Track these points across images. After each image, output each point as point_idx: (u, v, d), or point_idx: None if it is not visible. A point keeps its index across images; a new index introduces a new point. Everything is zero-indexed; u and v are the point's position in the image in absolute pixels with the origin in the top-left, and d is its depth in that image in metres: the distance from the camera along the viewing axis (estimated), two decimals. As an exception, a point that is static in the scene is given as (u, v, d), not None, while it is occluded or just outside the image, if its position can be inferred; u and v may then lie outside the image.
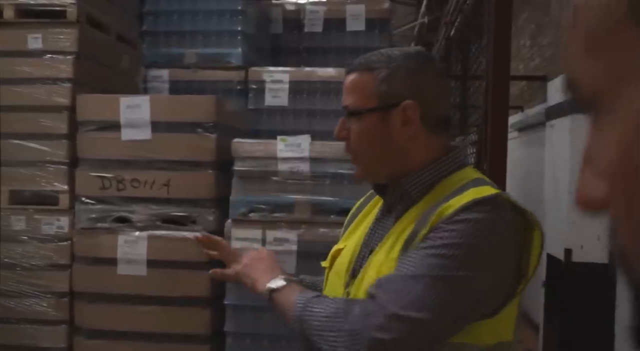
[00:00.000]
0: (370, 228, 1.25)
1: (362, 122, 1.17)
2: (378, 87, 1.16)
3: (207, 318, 2.77)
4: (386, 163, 1.20)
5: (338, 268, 1.26)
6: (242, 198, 2.79)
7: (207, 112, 2.80)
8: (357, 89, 1.18)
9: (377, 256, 1.16)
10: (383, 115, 1.16)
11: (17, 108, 2.90)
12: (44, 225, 2.86)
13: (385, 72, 1.16)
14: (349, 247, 1.27)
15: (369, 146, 1.18)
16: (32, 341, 2.83)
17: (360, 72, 1.19)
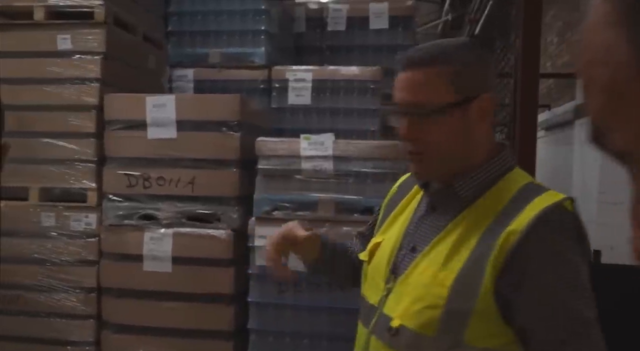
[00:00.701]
0: (412, 224, 1.22)
1: (442, 118, 1.11)
2: (454, 81, 1.11)
3: (231, 315, 2.80)
4: (454, 161, 1.15)
5: (377, 262, 1.24)
6: (265, 197, 2.81)
7: (231, 110, 2.83)
8: (427, 85, 1.10)
9: (426, 259, 1.13)
10: (463, 110, 1.11)
11: (47, 107, 2.97)
12: (72, 222, 2.92)
13: (458, 65, 1.12)
14: (387, 240, 1.24)
15: (447, 143, 1.13)
16: (61, 335, 2.90)
17: (425, 66, 1.11)
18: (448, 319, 1.06)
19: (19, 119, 2.98)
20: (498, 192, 1.13)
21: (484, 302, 1.04)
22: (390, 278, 1.18)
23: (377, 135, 3.31)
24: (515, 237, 1.03)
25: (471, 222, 1.11)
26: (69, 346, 2.89)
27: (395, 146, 2.84)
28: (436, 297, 1.07)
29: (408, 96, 1.12)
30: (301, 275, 2.76)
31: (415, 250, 1.17)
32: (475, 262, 1.06)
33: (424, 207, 1.23)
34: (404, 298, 1.12)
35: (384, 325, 1.15)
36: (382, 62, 3.48)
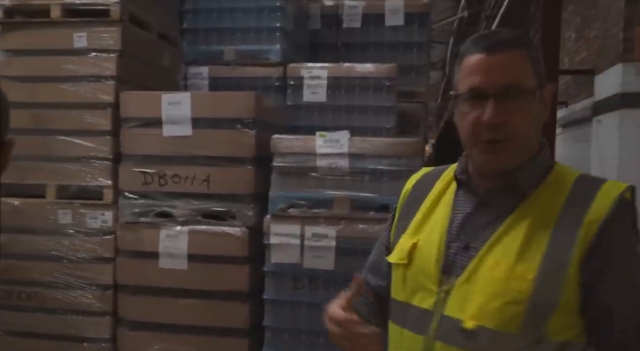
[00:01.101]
0: (456, 221, 1.15)
1: (530, 103, 1.06)
2: (534, 65, 1.08)
3: (246, 312, 2.80)
4: (527, 151, 1.11)
5: (421, 264, 1.15)
6: (281, 194, 2.80)
7: (246, 108, 2.82)
8: (519, 67, 1.06)
9: (492, 255, 1.07)
10: (540, 96, 1.09)
11: (63, 105, 2.98)
12: (89, 219, 2.93)
13: (536, 51, 1.09)
14: (426, 241, 1.16)
15: (529, 131, 1.09)
16: (77, 332, 2.91)
17: (514, 48, 1.07)
18: (532, 314, 1.02)
19: (35, 117, 3.00)
20: (554, 183, 1.11)
21: (569, 293, 1.02)
22: (444, 280, 1.11)
23: (392, 132, 3.29)
24: (597, 225, 1.03)
25: (535, 214, 1.07)
26: (85, 343, 2.91)
27: (411, 143, 2.82)
28: (518, 292, 1.02)
29: (500, 78, 1.05)
30: (317, 272, 2.78)
31: (469, 248, 1.10)
32: (557, 252, 1.03)
33: (467, 203, 1.16)
34: (474, 297, 1.06)
35: (453, 329, 1.07)
36: (397, 59, 3.46)
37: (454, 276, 1.10)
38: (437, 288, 1.11)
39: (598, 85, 3.70)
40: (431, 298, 1.11)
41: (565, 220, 1.05)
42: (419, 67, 3.66)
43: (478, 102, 1.07)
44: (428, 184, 1.27)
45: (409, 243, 1.18)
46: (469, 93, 1.08)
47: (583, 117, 4.15)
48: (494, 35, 1.09)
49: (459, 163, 1.22)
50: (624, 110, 3.22)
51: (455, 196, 1.19)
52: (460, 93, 1.10)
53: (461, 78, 1.11)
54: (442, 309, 1.09)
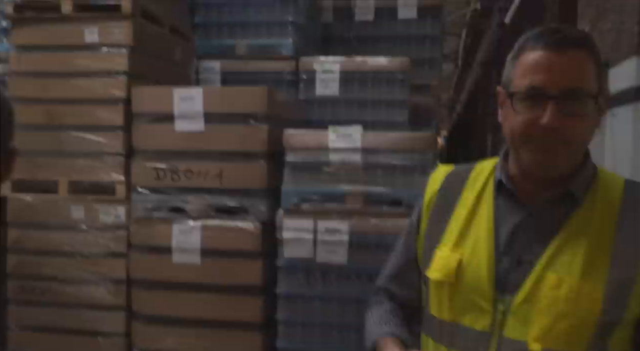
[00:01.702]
0: (505, 233, 1.07)
1: (592, 107, 1.00)
2: (597, 69, 1.01)
3: (259, 306, 2.80)
4: (579, 158, 1.06)
5: (471, 282, 1.07)
6: (293, 189, 2.79)
7: (258, 102, 2.81)
8: (584, 69, 1.00)
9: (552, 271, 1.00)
10: (599, 102, 1.02)
11: (75, 100, 2.98)
12: (102, 215, 2.94)
13: (599, 54, 1.03)
14: (472, 255, 1.08)
15: (587, 136, 1.03)
16: (91, 326, 2.93)
17: (581, 48, 1.00)
18: (599, 333, 0.98)
19: (47, 113, 3.00)
20: (603, 191, 1.06)
21: (635, 308, 0.99)
22: (498, 298, 1.04)
23: (406, 126, 3.27)
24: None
25: (591, 224, 1.02)
26: (99, 337, 2.92)
27: (424, 138, 2.80)
28: (587, 312, 0.98)
29: (564, 79, 0.98)
30: (330, 267, 2.77)
31: (522, 263, 1.04)
32: (622, 268, 0.99)
33: (514, 213, 1.08)
34: (538, 318, 0.99)
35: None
36: (410, 53, 3.44)
37: (509, 294, 1.03)
38: (492, 307, 1.04)
39: (612, 78, 3.65)
40: (486, 318, 1.04)
41: (625, 232, 1.01)
42: (432, 60, 3.63)
43: (536, 102, 1.00)
44: (456, 187, 1.19)
45: (454, 259, 1.09)
46: (528, 92, 1.00)
47: (597, 109, 4.11)
48: (558, 32, 1.01)
49: (500, 167, 1.13)
50: (638, 104, 3.18)
51: (496, 204, 1.11)
52: (516, 91, 1.02)
53: (519, 74, 1.03)
54: (502, 330, 1.02)
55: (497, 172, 1.13)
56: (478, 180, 1.16)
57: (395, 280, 1.27)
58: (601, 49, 3.53)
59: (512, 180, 1.10)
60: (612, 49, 3.88)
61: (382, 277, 1.31)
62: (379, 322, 1.19)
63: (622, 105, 3.37)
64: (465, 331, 1.06)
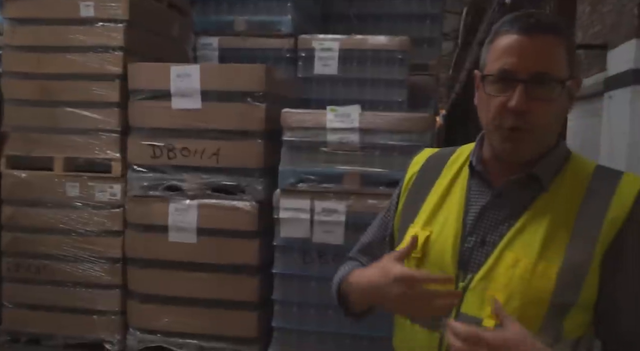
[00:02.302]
0: (471, 214, 1.09)
1: (559, 92, 1.00)
2: (569, 55, 1.02)
3: (256, 286, 2.80)
4: (547, 143, 1.06)
5: (437, 259, 1.09)
6: (291, 169, 2.77)
7: (256, 81, 2.78)
8: (554, 54, 1.00)
9: (511, 251, 1.02)
10: (568, 87, 1.02)
11: (70, 76, 2.94)
12: (97, 192, 2.92)
13: (572, 39, 1.03)
14: (440, 233, 1.10)
15: (553, 122, 1.03)
16: (87, 304, 2.93)
17: (552, 33, 1.00)
18: (552, 313, 0.99)
19: (41, 88, 2.96)
20: (572, 175, 1.06)
21: (588, 291, 0.99)
22: (460, 275, 1.05)
23: (404, 106, 3.24)
24: (619, 224, 1.00)
25: (554, 207, 1.03)
26: (95, 316, 2.92)
27: (422, 119, 2.78)
28: (540, 291, 0.98)
29: (534, 63, 0.99)
30: (327, 247, 2.76)
31: (486, 243, 1.05)
32: (579, 250, 0.99)
33: (483, 195, 1.10)
34: (494, 295, 1.00)
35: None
36: (410, 31, 3.40)
37: (471, 272, 1.05)
38: (453, 284, 1.05)
39: (611, 60, 3.63)
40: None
41: (586, 216, 1.02)
42: (432, 39, 3.59)
43: (506, 85, 1.00)
44: (435, 168, 1.20)
45: (422, 235, 1.11)
46: (498, 75, 1.01)
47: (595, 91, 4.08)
48: (531, 17, 1.01)
49: (474, 151, 1.14)
50: (636, 86, 3.17)
51: (469, 186, 1.13)
52: (488, 74, 1.03)
53: (492, 58, 1.03)
54: (460, 306, 1.04)
55: (473, 155, 1.14)
56: (456, 163, 1.18)
57: (365, 253, 1.29)
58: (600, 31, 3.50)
59: (484, 163, 1.12)
60: (611, 31, 3.84)
61: (353, 250, 1.33)
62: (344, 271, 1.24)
63: (619, 87, 3.35)
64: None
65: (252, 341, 2.81)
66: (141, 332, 2.88)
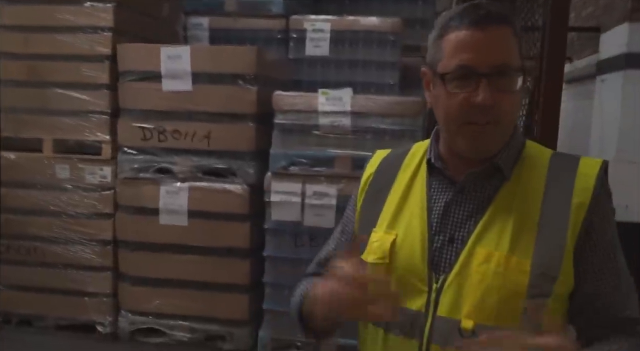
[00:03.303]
0: (435, 212, 1.07)
1: (517, 82, 0.99)
2: (519, 44, 1.01)
3: (247, 268, 2.81)
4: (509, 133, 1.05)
5: (406, 263, 1.05)
6: (282, 152, 2.77)
7: (248, 63, 2.75)
8: (509, 44, 0.99)
9: (481, 247, 1.00)
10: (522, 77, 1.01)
11: (59, 57, 2.90)
12: (87, 175, 2.90)
13: (519, 28, 1.02)
14: (405, 235, 1.07)
15: (516, 111, 1.03)
16: (79, 286, 2.93)
17: (505, 24, 0.99)
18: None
19: (30, 68, 2.93)
20: (531, 164, 1.06)
21: (565, 280, 1.00)
22: (433, 277, 1.03)
23: (396, 89, 3.23)
24: (585, 209, 1.01)
25: (518, 197, 1.02)
26: (86, 298, 2.92)
27: (413, 103, 2.77)
28: (515, 286, 0.97)
29: (493, 56, 0.97)
30: (318, 230, 2.77)
31: (454, 240, 1.03)
32: (550, 241, 0.99)
33: (445, 191, 1.08)
34: (469, 294, 0.99)
35: (449, 330, 1.00)
36: (402, 12, 3.37)
37: (443, 272, 1.02)
38: (426, 287, 1.03)
39: (603, 43, 3.62)
40: (421, 298, 1.03)
41: (551, 203, 1.02)
42: (424, 20, 3.55)
43: (467, 81, 0.98)
44: (390, 170, 1.17)
45: (387, 240, 1.08)
46: (457, 71, 0.98)
47: (587, 73, 4.09)
48: (480, 8, 0.99)
49: (431, 148, 1.12)
50: (629, 70, 3.17)
51: (429, 183, 1.10)
52: (446, 72, 0.99)
53: (446, 55, 1.00)
54: (435, 309, 1.02)
55: (429, 152, 1.12)
56: (412, 162, 1.15)
57: (325, 265, 1.20)
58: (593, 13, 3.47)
59: (442, 158, 1.10)
60: (604, 13, 3.83)
61: (312, 263, 1.29)
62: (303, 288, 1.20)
63: (612, 71, 3.36)
64: (401, 313, 1.03)
65: (243, 324, 2.83)
66: (132, 314, 2.89)
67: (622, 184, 3.09)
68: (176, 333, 2.84)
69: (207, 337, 2.85)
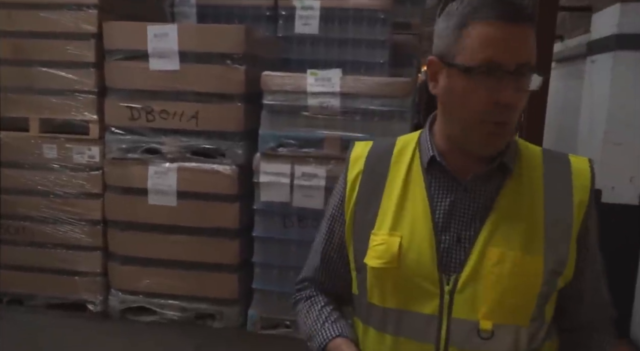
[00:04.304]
0: (442, 211, 1.04)
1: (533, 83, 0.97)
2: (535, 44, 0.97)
3: (236, 248, 2.83)
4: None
5: (415, 266, 1.02)
6: (271, 133, 2.76)
7: (236, 42, 2.72)
8: (532, 43, 0.96)
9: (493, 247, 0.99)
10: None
11: (44, 35, 2.85)
12: (75, 154, 2.89)
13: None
14: (411, 237, 1.04)
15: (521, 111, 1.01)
16: (69, 266, 2.94)
17: (531, 22, 0.96)
18: (540, 302, 0.99)
19: (14, 46, 2.88)
20: (526, 160, 1.05)
21: (567, 273, 1.01)
22: (444, 279, 1.00)
23: (386, 67, 3.21)
24: (584, 208, 1.02)
25: (521, 195, 1.02)
26: (76, 277, 2.94)
27: (403, 83, 2.76)
28: (531, 285, 0.98)
29: (521, 54, 0.94)
30: (307, 211, 2.79)
31: (461, 239, 1.01)
32: (558, 239, 1.00)
33: (448, 189, 1.04)
34: (486, 295, 0.98)
35: (468, 332, 0.99)
36: (393, -11, 3.32)
37: (453, 273, 1.00)
38: (438, 289, 1.00)
39: (594, 23, 3.59)
40: (434, 301, 1.00)
41: (554, 201, 1.02)
42: (415, -3, 3.52)
43: (491, 77, 0.93)
44: (380, 167, 1.11)
45: (394, 243, 1.03)
46: (484, 66, 0.93)
47: (578, 53, 4.07)
48: (510, 3, 0.94)
49: (427, 143, 1.07)
50: (619, 52, 3.15)
51: (427, 181, 1.06)
52: (472, 66, 0.94)
53: (471, 47, 0.94)
54: (450, 312, 1.00)
55: (426, 148, 1.07)
56: (403, 158, 1.10)
57: (322, 270, 1.20)
58: (586, -8, 3.37)
59: (442, 155, 1.06)
60: (597, -9, 3.80)
61: (308, 267, 1.24)
62: (320, 319, 1.15)
63: (602, 52, 3.34)
64: (413, 317, 1.02)
65: (233, 303, 2.86)
66: (123, 293, 2.91)
67: (609, 166, 3.10)
68: (167, 312, 2.87)
69: (197, 316, 2.88)
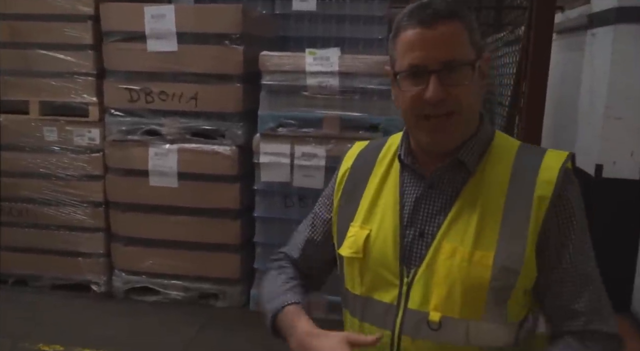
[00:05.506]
0: (406, 206, 1.09)
1: (471, 75, 1.01)
2: (472, 36, 1.03)
3: (237, 229, 2.85)
4: (471, 126, 1.07)
5: (379, 257, 1.08)
6: (270, 113, 2.76)
7: (233, 22, 2.71)
8: (457, 39, 1.01)
9: (448, 241, 1.03)
10: (478, 67, 1.03)
11: (41, 17, 2.84)
12: (75, 137, 2.89)
13: (470, 20, 1.03)
14: (379, 230, 1.10)
15: (473, 104, 1.04)
16: (72, 247, 2.97)
17: (452, 20, 1.01)
18: (493, 299, 1.01)
19: (11, 29, 2.87)
20: (496, 157, 1.07)
21: (527, 272, 1.02)
22: (404, 271, 1.06)
23: (384, 43, 3.19)
24: (547, 202, 1.02)
25: (483, 192, 1.04)
26: (80, 258, 2.97)
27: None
28: (478, 279, 1.00)
29: (440, 53, 0.99)
30: (307, 191, 2.81)
31: (425, 235, 1.06)
32: (512, 235, 1.02)
33: (416, 186, 1.10)
34: (436, 288, 1.03)
35: (419, 322, 1.04)
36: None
37: (414, 266, 1.05)
38: (398, 280, 1.06)
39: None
40: (393, 291, 1.07)
41: (514, 197, 1.04)
42: (413, -28, 3.48)
43: (419, 78, 1.00)
44: (367, 164, 1.18)
45: (362, 235, 1.11)
46: (409, 70, 1.01)
47: (578, 24, 4.03)
48: (427, 7, 1.01)
49: (402, 143, 1.13)
50: (619, 25, 3.12)
51: (402, 178, 1.12)
52: (399, 71, 1.03)
53: (399, 54, 1.03)
54: (406, 303, 1.05)
55: (401, 148, 1.13)
56: (386, 157, 1.17)
57: (301, 251, 1.25)
58: (588, -34, 3.32)
59: (412, 153, 1.12)
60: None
61: (290, 244, 1.29)
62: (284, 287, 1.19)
63: (602, 25, 3.31)
64: (375, 304, 1.09)
65: (235, 282, 2.90)
66: (126, 273, 2.95)
67: (609, 140, 3.10)
68: (170, 292, 2.91)
69: (200, 295, 2.93)
